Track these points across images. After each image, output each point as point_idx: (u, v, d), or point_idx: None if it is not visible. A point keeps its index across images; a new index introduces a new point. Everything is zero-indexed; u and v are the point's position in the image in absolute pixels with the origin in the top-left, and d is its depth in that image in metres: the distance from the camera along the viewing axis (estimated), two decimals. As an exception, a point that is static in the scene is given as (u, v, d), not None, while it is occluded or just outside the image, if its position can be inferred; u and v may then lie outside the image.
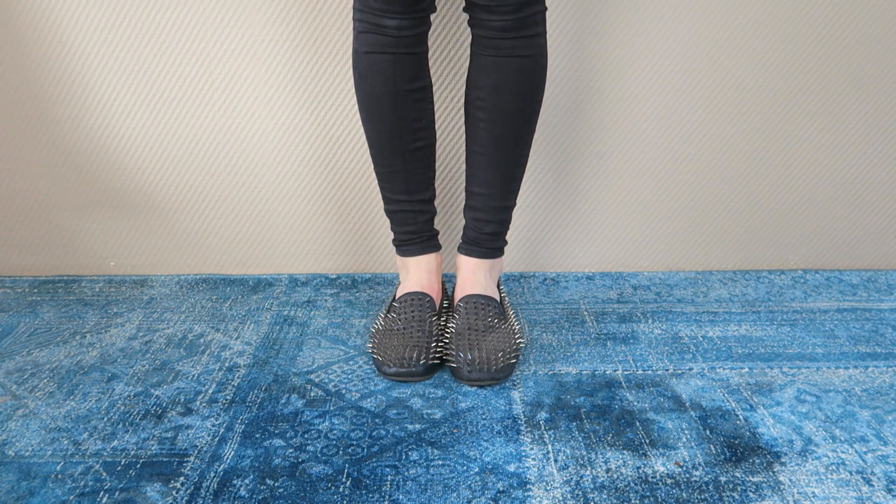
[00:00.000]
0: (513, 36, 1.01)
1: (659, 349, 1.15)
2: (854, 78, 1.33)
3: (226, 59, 1.31)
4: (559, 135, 1.36)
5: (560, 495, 0.84)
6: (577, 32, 1.30)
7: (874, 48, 1.32)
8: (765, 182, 1.40)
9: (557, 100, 1.33)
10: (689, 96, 1.34)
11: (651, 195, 1.40)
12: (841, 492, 0.84)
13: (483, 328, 1.10)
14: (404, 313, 1.12)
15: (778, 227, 1.43)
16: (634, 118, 1.35)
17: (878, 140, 1.38)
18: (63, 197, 1.39)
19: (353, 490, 0.85)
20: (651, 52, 1.31)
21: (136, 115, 1.34)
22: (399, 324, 1.11)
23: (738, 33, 1.30)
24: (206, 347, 1.17)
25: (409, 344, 1.07)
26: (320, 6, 1.27)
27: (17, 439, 0.94)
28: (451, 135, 1.35)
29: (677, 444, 0.93)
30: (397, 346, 1.07)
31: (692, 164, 1.38)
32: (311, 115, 1.34)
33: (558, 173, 1.38)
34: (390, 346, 1.08)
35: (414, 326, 1.10)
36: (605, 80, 1.33)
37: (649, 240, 1.43)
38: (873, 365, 1.11)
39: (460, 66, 1.31)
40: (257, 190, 1.39)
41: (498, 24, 1.00)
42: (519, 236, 1.42)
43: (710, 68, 1.32)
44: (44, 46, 1.30)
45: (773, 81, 1.33)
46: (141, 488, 0.85)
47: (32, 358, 1.14)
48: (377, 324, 1.15)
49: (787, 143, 1.37)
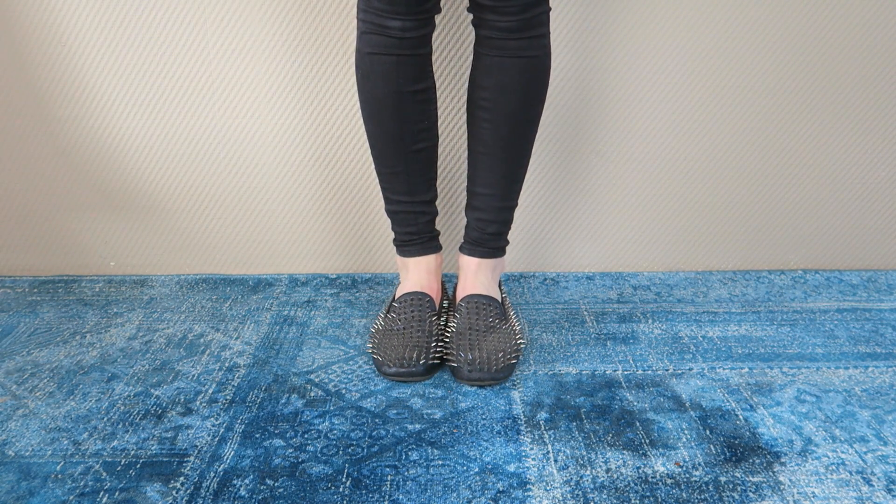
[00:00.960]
0: (518, 36, 1.01)
1: (659, 349, 1.15)
2: (854, 78, 1.33)
3: (226, 59, 1.31)
4: (560, 134, 1.36)
5: (560, 495, 0.84)
6: (578, 32, 1.30)
7: (874, 48, 1.32)
8: (764, 182, 1.40)
9: (558, 99, 1.33)
10: (690, 96, 1.34)
11: (651, 195, 1.40)
12: (841, 492, 0.84)
13: (484, 328, 1.10)
14: (404, 313, 1.12)
15: (778, 227, 1.43)
16: (635, 118, 1.35)
17: (878, 140, 1.38)
18: (63, 197, 1.39)
19: (353, 490, 0.85)
20: (651, 51, 1.31)
21: (136, 115, 1.34)
22: (399, 324, 1.11)
23: (739, 33, 1.30)
24: (206, 347, 1.17)
25: (409, 344, 1.07)
26: (320, 6, 1.27)
27: (17, 439, 0.94)
28: (452, 134, 1.35)
29: (677, 444, 0.93)
30: (397, 347, 1.07)
31: (692, 164, 1.38)
32: (311, 115, 1.34)
33: (559, 173, 1.38)
34: (390, 346, 1.08)
35: (414, 326, 1.10)
36: (606, 80, 1.33)
37: (649, 240, 1.43)
38: (873, 365, 1.11)
39: (462, 66, 1.31)
40: (257, 190, 1.39)
41: (504, 24, 1.00)
42: (519, 236, 1.42)
43: (711, 68, 1.32)
44: (44, 46, 1.30)
45: (773, 81, 1.33)
46: (141, 488, 0.85)
47: (32, 358, 1.14)
48: (377, 324, 1.15)
49: (787, 143, 1.37)
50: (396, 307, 1.14)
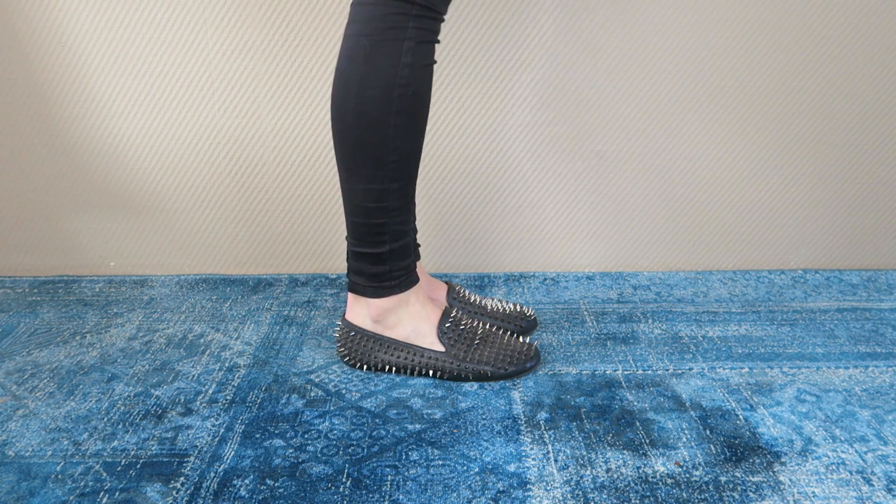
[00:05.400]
0: None
1: (659, 349, 1.15)
2: (854, 78, 1.33)
3: (226, 59, 1.31)
4: (560, 135, 1.36)
5: (560, 495, 0.84)
6: (575, 32, 1.30)
7: (874, 48, 1.32)
8: (765, 182, 1.40)
9: (557, 100, 1.33)
10: (689, 96, 1.34)
11: (651, 195, 1.40)
12: (841, 491, 0.84)
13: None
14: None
15: (778, 227, 1.43)
16: (634, 118, 1.35)
17: (878, 140, 1.38)
18: (63, 197, 1.39)
19: (353, 490, 0.85)
20: (650, 51, 1.31)
21: (136, 115, 1.34)
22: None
23: (738, 33, 1.30)
24: (206, 347, 1.17)
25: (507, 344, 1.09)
26: (320, 6, 1.27)
27: (17, 439, 0.94)
28: (444, 135, 1.35)
29: (677, 444, 0.93)
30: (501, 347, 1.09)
31: (692, 164, 1.38)
32: (311, 115, 1.34)
33: (559, 173, 1.38)
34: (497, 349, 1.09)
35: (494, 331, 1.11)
36: (605, 80, 1.33)
37: (649, 240, 1.43)
38: (873, 365, 1.11)
39: (460, 67, 1.31)
40: (257, 190, 1.39)
41: None
42: (519, 236, 1.42)
43: (710, 68, 1.32)
44: (44, 47, 1.30)
45: (772, 81, 1.33)
46: (141, 488, 0.85)
47: (32, 358, 1.14)
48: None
49: (786, 143, 1.37)
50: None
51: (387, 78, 0.93)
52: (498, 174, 1.38)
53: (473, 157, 1.37)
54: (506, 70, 1.32)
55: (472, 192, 1.39)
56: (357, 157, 0.97)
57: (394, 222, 1.01)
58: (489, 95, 1.33)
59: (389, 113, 0.94)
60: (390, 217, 1.00)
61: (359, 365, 1.09)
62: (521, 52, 1.31)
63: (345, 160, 0.98)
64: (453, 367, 1.05)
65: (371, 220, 1.00)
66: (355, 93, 0.94)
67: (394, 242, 1.02)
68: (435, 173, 1.38)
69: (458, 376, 1.06)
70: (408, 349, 1.07)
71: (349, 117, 0.95)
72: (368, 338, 1.08)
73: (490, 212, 1.40)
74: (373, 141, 0.95)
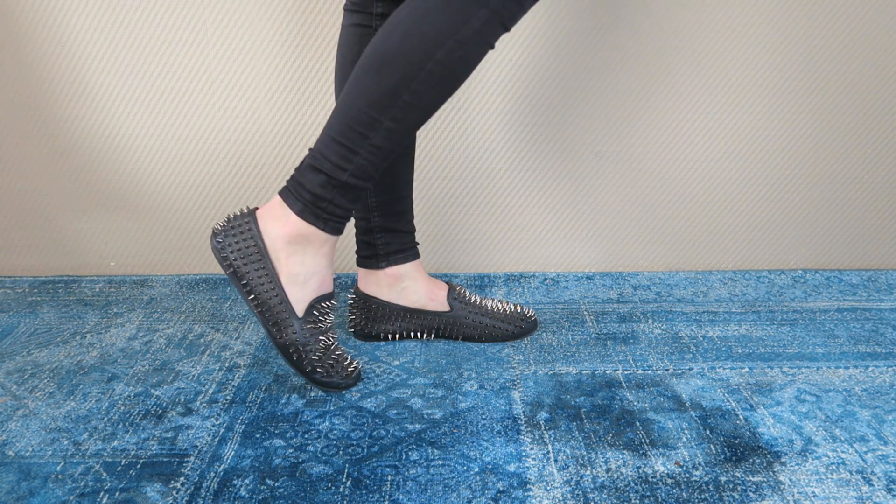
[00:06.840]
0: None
1: (659, 349, 1.15)
2: (854, 78, 1.33)
3: (226, 59, 1.31)
4: (559, 135, 1.36)
5: (560, 495, 0.84)
6: (575, 31, 1.30)
7: (874, 48, 1.32)
8: (765, 182, 1.40)
9: (556, 99, 1.33)
10: (689, 96, 1.34)
11: (651, 195, 1.40)
12: (841, 491, 0.84)
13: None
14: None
15: (778, 227, 1.43)
16: (634, 118, 1.35)
17: (878, 140, 1.38)
18: (63, 197, 1.39)
19: (353, 490, 0.85)
20: (650, 51, 1.31)
21: (136, 115, 1.34)
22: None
23: (738, 33, 1.30)
24: (206, 347, 1.17)
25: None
26: (320, 6, 1.27)
27: (17, 439, 0.94)
28: (444, 135, 1.35)
29: (677, 443, 0.93)
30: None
31: (692, 163, 1.38)
32: (311, 115, 1.34)
33: (558, 173, 1.38)
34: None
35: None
36: (605, 80, 1.33)
37: (649, 240, 1.43)
38: (873, 365, 1.11)
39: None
40: (257, 190, 1.39)
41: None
42: (519, 236, 1.42)
43: (710, 68, 1.32)
44: (43, 47, 1.30)
45: (772, 81, 1.33)
46: (141, 488, 0.85)
47: (32, 358, 1.14)
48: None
49: (787, 143, 1.37)
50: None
51: (449, 25, 0.91)
52: (498, 174, 1.38)
53: (473, 157, 1.37)
54: (505, 70, 1.32)
55: (472, 192, 1.39)
56: (379, 73, 0.94)
57: (367, 160, 0.97)
58: (489, 95, 1.33)
59: (431, 56, 0.92)
60: (368, 151, 0.97)
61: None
62: (521, 52, 1.31)
63: (365, 71, 0.96)
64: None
65: (348, 142, 0.96)
66: (417, 19, 0.92)
67: (354, 179, 0.98)
68: (435, 173, 1.38)
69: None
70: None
71: (398, 33, 0.93)
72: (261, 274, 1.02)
73: (490, 212, 1.40)
74: (402, 68, 0.93)
